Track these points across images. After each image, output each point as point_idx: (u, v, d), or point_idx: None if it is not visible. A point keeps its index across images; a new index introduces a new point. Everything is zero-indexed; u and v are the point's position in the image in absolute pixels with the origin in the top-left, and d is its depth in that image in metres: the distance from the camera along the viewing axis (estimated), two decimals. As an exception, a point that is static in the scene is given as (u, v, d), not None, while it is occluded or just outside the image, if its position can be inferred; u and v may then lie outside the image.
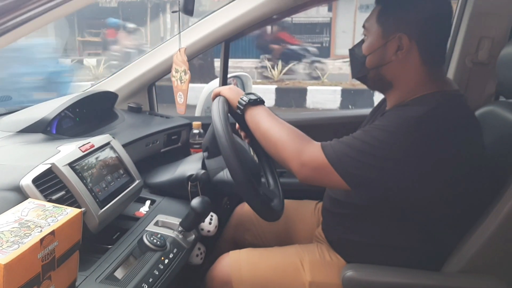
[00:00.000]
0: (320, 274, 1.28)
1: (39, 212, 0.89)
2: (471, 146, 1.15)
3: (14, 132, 1.33)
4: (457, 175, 1.12)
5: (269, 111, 1.27)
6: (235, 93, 1.30)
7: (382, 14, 1.22)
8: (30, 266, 0.79)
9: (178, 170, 1.46)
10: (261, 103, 1.28)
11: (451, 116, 1.13)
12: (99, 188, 1.14)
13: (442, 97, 1.17)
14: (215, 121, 1.18)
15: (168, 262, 1.13)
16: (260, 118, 1.24)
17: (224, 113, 1.20)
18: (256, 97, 1.28)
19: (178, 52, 1.37)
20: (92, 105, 1.65)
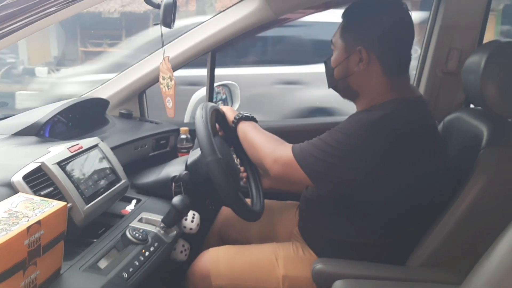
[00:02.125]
0: (293, 269, 1.37)
1: (28, 204, 0.98)
2: (425, 149, 1.25)
3: (9, 135, 1.43)
4: (410, 176, 1.23)
5: (257, 125, 1.45)
6: (232, 112, 1.51)
7: (344, 30, 1.34)
8: (16, 251, 0.87)
9: (163, 171, 1.55)
10: (253, 120, 1.47)
11: (405, 120, 1.23)
12: (85, 185, 1.23)
13: (401, 103, 1.28)
14: (197, 126, 1.31)
15: (149, 255, 1.22)
16: (247, 129, 1.42)
17: (207, 117, 1.33)
18: (249, 115, 1.48)
19: (163, 61, 1.47)
20: (84, 111, 1.75)
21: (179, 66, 1.88)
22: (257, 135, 1.40)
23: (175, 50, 1.85)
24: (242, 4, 1.76)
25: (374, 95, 1.33)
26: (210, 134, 1.33)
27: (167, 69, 1.45)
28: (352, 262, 1.30)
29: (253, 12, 1.74)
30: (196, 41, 1.83)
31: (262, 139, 1.38)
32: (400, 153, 1.21)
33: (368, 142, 1.20)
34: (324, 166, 1.23)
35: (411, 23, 1.32)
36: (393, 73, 1.31)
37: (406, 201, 1.26)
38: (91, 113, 1.79)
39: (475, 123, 1.40)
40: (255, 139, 1.39)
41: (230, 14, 1.79)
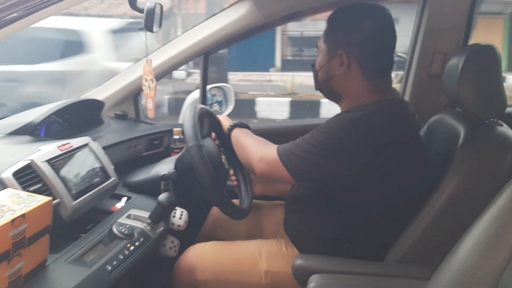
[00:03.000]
0: (275, 264, 1.42)
1: (14, 199, 1.04)
2: (403, 149, 1.29)
3: (4, 134, 1.49)
4: (388, 175, 1.27)
5: (249, 131, 1.53)
6: (228, 120, 1.59)
7: (327, 34, 1.40)
8: (1, 242, 0.93)
9: (153, 170, 1.61)
10: (246, 127, 1.55)
11: (383, 121, 1.28)
12: (73, 182, 1.28)
13: (380, 105, 1.32)
14: (185, 115, 1.37)
15: (134, 249, 1.27)
16: (240, 135, 1.49)
17: (195, 111, 1.39)
18: (243, 123, 1.57)
19: (146, 64, 1.53)
20: (80, 112, 1.81)
21: (173, 67, 1.94)
22: (247, 139, 1.47)
23: (170, 52, 1.91)
24: (233, 8, 1.82)
25: (355, 97, 1.37)
26: (196, 123, 1.40)
27: (150, 71, 1.51)
28: (331, 258, 1.34)
29: (243, 16, 1.79)
30: (190, 44, 1.88)
31: (251, 141, 1.45)
32: (377, 152, 1.26)
33: (347, 141, 1.25)
34: (305, 165, 1.28)
35: (393, 29, 1.37)
36: (373, 76, 1.35)
37: (384, 200, 1.31)
38: (87, 114, 1.85)
39: (454, 124, 1.44)
40: (245, 142, 1.46)
41: (221, 18, 1.84)
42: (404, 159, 1.29)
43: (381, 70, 1.38)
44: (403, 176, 1.29)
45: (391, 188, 1.30)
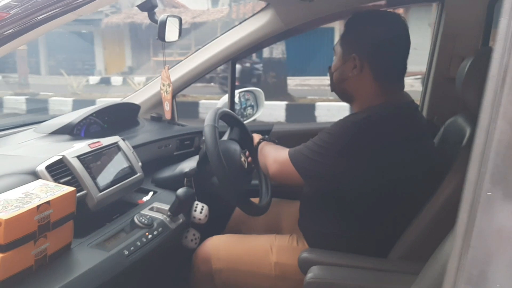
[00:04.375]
0: (285, 257, 1.50)
1: (43, 188, 1.20)
2: (405, 149, 1.34)
3: (47, 134, 1.68)
4: (389, 175, 1.32)
5: (274, 144, 1.64)
6: (259, 137, 1.73)
7: (343, 38, 1.46)
8: (27, 224, 1.08)
9: (178, 167, 1.74)
10: (273, 142, 1.68)
11: (385, 122, 1.33)
12: (100, 176, 1.44)
13: (386, 107, 1.37)
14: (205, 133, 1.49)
15: (152, 238, 1.40)
16: (264, 146, 1.61)
17: (218, 110, 1.54)
18: (272, 139, 1.72)
19: (164, 70, 1.67)
20: (118, 114, 1.98)
21: (203, 73, 2.07)
22: (269, 147, 1.59)
23: (200, 58, 2.05)
24: (256, 17, 1.92)
25: (366, 99, 1.43)
26: (218, 111, 1.58)
27: (167, 77, 1.64)
28: (335, 252, 1.40)
29: (266, 24, 1.89)
30: (217, 51, 2.01)
31: (271, 149, 1.57)
32: (379, 153, 1.31)
33: (349, 142, 1.32)
34: (310, 163, 1.36)
35: (406, 36, 1.42)
36: (384, 80, 1.41)
37: (386, 198, 1.36)
38: (125, 116, 2.02)
39: (464, 126, 1.46)
40: (265, 150, 1.58)
41: (246, 26, 1.95)
42: (407, 161, 1.33)
43: (393, 74, 1.43)
44: (406, 178, 1.34)
45: (393, 188, 1.35)
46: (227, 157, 1.56)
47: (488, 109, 0.44)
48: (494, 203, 0.44)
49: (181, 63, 2.10)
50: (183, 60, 2.13)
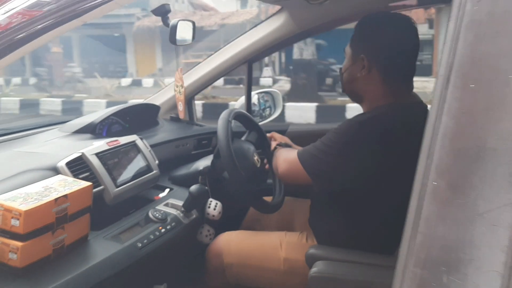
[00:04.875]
0: (293, 253, 1.54)
1: (62, 183, 1.28)
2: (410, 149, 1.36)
3: (70, 133, 1.77)
4: (393, 173, 1.34)
5: (289, 149, 1.67)
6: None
7: (352, 40, 1.50)
8: (45, 216, 1.16)
9: (193, 166, 1.81)
10: (289, 147, 1.72)
11: (391, 122, 1.35)
12: (117, 173, 1.52)
13: (393, 107, 1.40)
14: (219, 133, 1.54)
15: (165, 232, 1.47)
16: (279, 150, 1.65)
17: (228, 130, 1.57)
18: (287, 145, 1.76)
19: (177, 72, 1.74)
20: (139, 115, 2.07)
21: (221, 74, 2.14)
22: (282, 150, 1.64)
23: (217, 60, 2.11)
24: (271, 19, 1.98)
25: (374, 99, 1.46)
26: (234, 110, 1.66)
27: (180, 78, 1.71)
28: (341, 249, 1.44)
29: (280, 26, 1.94)
30: (234, 53, 2.07)
31: (283, 151, 1.62)
32: (384, 153, 1.34)
33: (354, 141, 1.35)
34: (317, 162, 1.40)
35: (415, 38, 1.44)
36: (392, 81, 1.44)
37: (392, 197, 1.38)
38: (145, 116, 2.10)
39: None
40: (278, 153, 1.62)
41: (261, 29, 2.00)
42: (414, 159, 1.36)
43: (401, 75, 1.45)
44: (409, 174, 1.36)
45: (400, 187, 1.37)
46: (240, 154, 1.62)
47: (435, 106, 0.48)
48: (439, 192, 0.48)
49: (200, 64, 2.17)
50: (202, 62, 2.20)
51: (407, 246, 0.50)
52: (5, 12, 0.95)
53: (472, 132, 0.47)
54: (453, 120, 0.47)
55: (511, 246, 0.46)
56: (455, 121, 0.47)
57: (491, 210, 0.46)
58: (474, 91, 0.47)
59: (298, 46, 10.30)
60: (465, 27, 0.48)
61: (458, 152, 0.47)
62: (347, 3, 1.73)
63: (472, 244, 0.47)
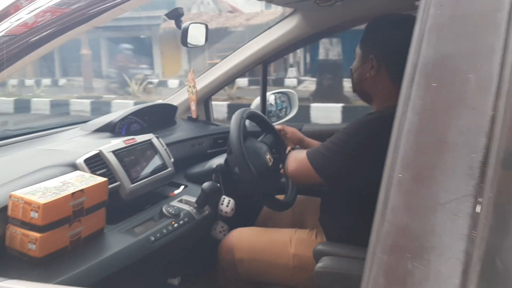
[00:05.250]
0: (302, 249, 1.58)
1: (79, 178, 1.35)
2: None
3: (91, 131, 1.85)
4: None
5: (300, 150, 1.70)
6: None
7: (362, 40, 1.53)
8: (62, 209, 1.23)
9: (208, 164, 1.86)
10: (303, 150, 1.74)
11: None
12: (133, 169, 1.58)
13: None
14: (231, 128, 1.60)
15: (177, 226, 1.53)
16: (291, 151, 1.68)
17: (240, 129, 1.62)
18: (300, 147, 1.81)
19: (190, 73, 1.79)
20: (157, 114, 2.14)
21: (237, 75, 2.19)
22: (293, 151, 1.67)
23: (233, 61, 2.17)
24: (285, 21, 2.02)
25: (383, 99, 1.49)
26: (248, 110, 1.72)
27: (192, 79, 1.76)
28: (348, 245, 1.47)
29: (294, 28, 1.98)
30: (249, 54, 2.12)
31: (295, 151, 1.65)
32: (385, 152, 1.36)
33: (360, 140, 1.38)
34: (326, 161, 1.43)
35: None
36: (401, 81, 1.45)
37: None
38: (163, 116, 2.17)
39: None
40: (290, 154, 1.65)
41: (276, 30, 2.05)
42: None
43: None
44: None
45: None
46: (252, 151, 1.67)
47: (401, 103, 0.52)
48: (404, 183, 0.52)
49: (216, 65, 2.23)
50: (219, 62, 2.25)
51: (375, 234, 0.54)
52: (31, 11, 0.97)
53: (434, 128, 0.50)
54: (417, 117, 0.51)
55: (470, 234, 0.49)
56: (419, 118, 0.51)
57: (451, 200, 0.49)
58: (436, 89, 0.51)
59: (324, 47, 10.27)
60: (428, 29, 0.52)
61: (422, 146, 0.51)
62: (357, 5, 1.76)
63: (434, 233, 0.50)
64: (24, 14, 0.95)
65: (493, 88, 0.48)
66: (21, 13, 0.95)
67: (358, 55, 1.54)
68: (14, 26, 0.95)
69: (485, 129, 0.48)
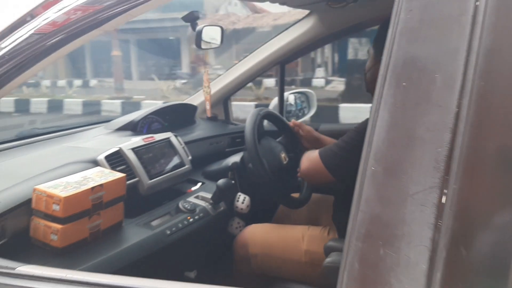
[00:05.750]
0: (314, 246, 1.62)
1: (99, 174, 1.43)
2: None
3: (113, 130, 1.94)
4: None
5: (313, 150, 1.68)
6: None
7: (375, 40, 1.56)
8: (82, 202, 1.31)
9: (225, 161, 1.92)
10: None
11: None
12: (151, 166, 1.65)
13: None
14: (246, 125, 1.65)
15: (192, 221, 1.59)
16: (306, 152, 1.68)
17: (255, 125, 1.67)
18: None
19: (204, 74, 1.85)
20: (177, 114, 2.21)
21: (256, 75, 2.24)
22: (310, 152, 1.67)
23: (251, 61, 2.22)
24: (301, 22, 2.06)
25: None
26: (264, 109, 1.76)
27: (206, 80, 1.82)
28: None
29: (310, 29, 2.02)
30: (267, 54, 2.16)
31: (308, 152, 1.66)
32: None
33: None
34: (338, 159, 1.46)
35: None
36: None
37: None
38: (183, 116, 2.24)
39: None
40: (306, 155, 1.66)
41: (292, 31, 2.09)
42: None
43: None
44: None
45: None
46: (267, 148, 1.72)
47: (375, 101, 0.56)
48: (376, 176, 0.56)
49: (235, 66, 2.28)
50: (237, 63, 2.31)
51: (351, 223, 0.58)
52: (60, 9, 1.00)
53: (403, 124, 0.54)
54: (388, 114, 0.55)
55: (436, 223, 0.52)
56: (390, 115, 0.54)
57: (419, 192, 0.53)
58: (405, 88, 0.54)
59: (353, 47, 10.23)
60: (399, 33, 0.55)
61: (392, 141, 0.54)
62: (370, 6, 1.78)
63: (404, 222, 0.54)
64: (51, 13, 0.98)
65: (457, 87, 0.51)
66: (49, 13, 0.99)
67: (371, 55, 1.57)
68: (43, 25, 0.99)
69: (450, 125, 0.52)
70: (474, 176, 0.51)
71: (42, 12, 1.00)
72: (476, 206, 0.51)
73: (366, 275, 0.57)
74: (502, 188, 0.50)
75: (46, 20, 0.99)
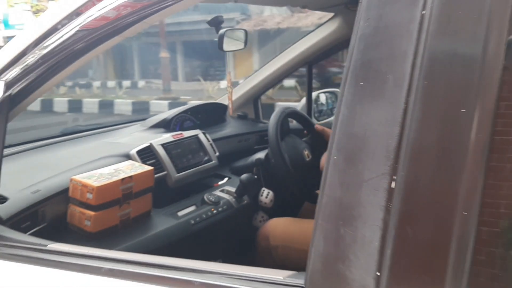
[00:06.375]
0: None
1: (129, 166, 1.56)
2: None
3: (148, 127, 2.08)
4: None
5: None
6: None
7: None
8: (113, 192, 1.44)
9: (250, 158, 2.02)
10: None
11: None
12: (179, 161, 1.77)
13: None
14: (269, 126, 1.74)
15: (216, 213, 1.69)
16: None
17: (278, 121, 1.76)
18: None
19: (227, 75, 1.95)
20: (209, 113, 2.33)
21: (284, 75, 2.33)
22: None
23: (280, 62, 2.30)
24: (327, 24, 2.12)
25: None
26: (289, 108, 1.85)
27: (229, 80, 1.92)
28: None
29: (335, 30, 2.08)
30: (295, 55, 2.24)
31: None
32: None
33: None
34: None
35: None
36: None
37: None
38: (214, 114, 2.36)
39: None
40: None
41: (319, 32, 2.16)
42: None
43: None
44: None
45: None
46: (290, 145, 1.80)
47: (339, 99, 0.64)
48: (338, 163, 0.64)
49: (265, 66, 2.37)
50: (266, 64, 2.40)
51: (318, 205, 0.66)
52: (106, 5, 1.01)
53: (360, 119, 0.62)
54: (348, 109, 0.62)
55: (387, 206, 0.60)
56: (349, 110, 0.62)
57: (373, 178, 0.61)
58: (362, 87, 0.62)
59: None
60: (358, 38, 0.63)
61: (351, 133, 0.62)
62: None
63: (360, 204, 0.62)
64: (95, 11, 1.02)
65: (405, 85, 0.59)
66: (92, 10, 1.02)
67: None
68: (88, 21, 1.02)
69: (399, 119, 0.59)
70: (418, 164, 0.58)
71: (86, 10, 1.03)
72: (420, 190, 0.58)
73: (329, 252, 0.65)
74: (442, 174, 0.57)
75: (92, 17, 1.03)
